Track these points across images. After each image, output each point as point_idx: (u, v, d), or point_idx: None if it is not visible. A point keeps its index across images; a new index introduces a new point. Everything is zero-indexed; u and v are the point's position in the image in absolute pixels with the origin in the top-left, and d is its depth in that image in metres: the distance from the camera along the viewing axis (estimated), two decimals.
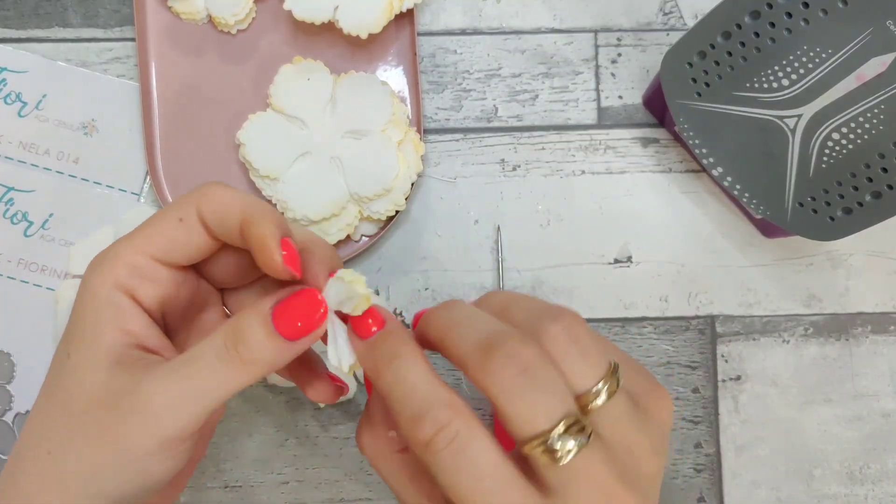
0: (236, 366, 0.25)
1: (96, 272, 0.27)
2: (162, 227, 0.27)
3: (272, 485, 0.41)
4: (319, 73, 0.41)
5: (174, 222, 0.27)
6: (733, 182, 0.39)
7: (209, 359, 0.25)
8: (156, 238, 0.27)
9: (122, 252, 0.27)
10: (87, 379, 0.26)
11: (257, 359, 0.25)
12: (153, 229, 0.27)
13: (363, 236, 0.42)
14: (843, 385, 0.43)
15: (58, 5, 0.44)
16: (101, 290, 0.26)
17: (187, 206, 0.27)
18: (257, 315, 0.25)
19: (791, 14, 0.33)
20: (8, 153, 0.42)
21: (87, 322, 0.26)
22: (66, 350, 0.26)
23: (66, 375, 0.26)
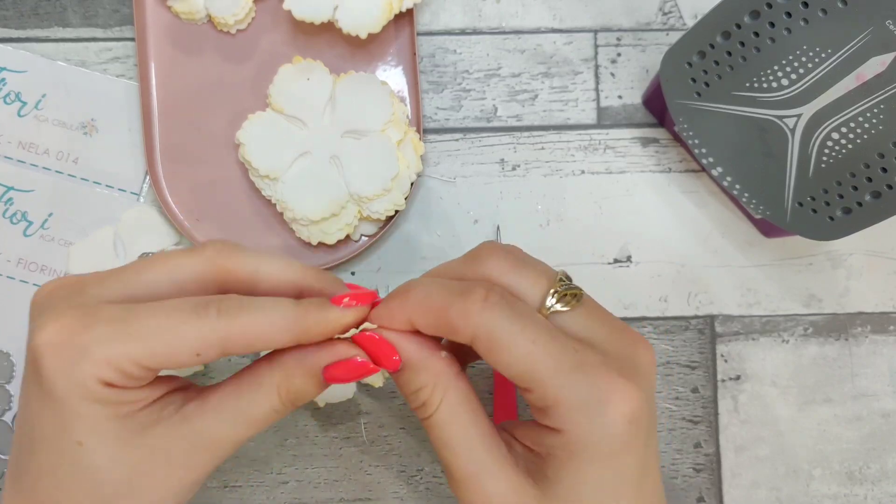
0: (287, 413, 0.28)
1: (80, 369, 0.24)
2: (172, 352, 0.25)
3: (272, 485, 0.41)
4: (319, 72, 0.41)
5: (190, 356, 0.25)
6: (733, 182, 0.39)
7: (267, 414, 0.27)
8: (159, 359, 0.25)
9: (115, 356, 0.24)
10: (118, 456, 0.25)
11: (305, 402, 0.28)
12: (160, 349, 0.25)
13: (363, 236, 0.42)
14: (843, 385, 0.43)
15: (57, 5, 0.44)
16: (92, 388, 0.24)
17: (209, 342, 0.25)
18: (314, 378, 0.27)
19: (790, 14, 0.33)
20: (7, 153, 0.42)
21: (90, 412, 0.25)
22: (73, 439, 0.25)
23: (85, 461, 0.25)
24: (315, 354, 0.27)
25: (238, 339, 0.25)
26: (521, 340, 0.25)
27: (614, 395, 0.25)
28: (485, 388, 0.42)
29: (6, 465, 0.41)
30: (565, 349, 0.26)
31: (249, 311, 0.25)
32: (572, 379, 0.25)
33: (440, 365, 0.27)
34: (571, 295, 0.27)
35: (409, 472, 0.41)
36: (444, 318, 0.26)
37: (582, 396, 0.25)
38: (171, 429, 0.26)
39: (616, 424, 0.25)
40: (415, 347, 0.27)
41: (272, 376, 0.27)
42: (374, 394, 0.42)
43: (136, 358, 0.25)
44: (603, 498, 0.26)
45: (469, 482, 0.27)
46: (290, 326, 0.26)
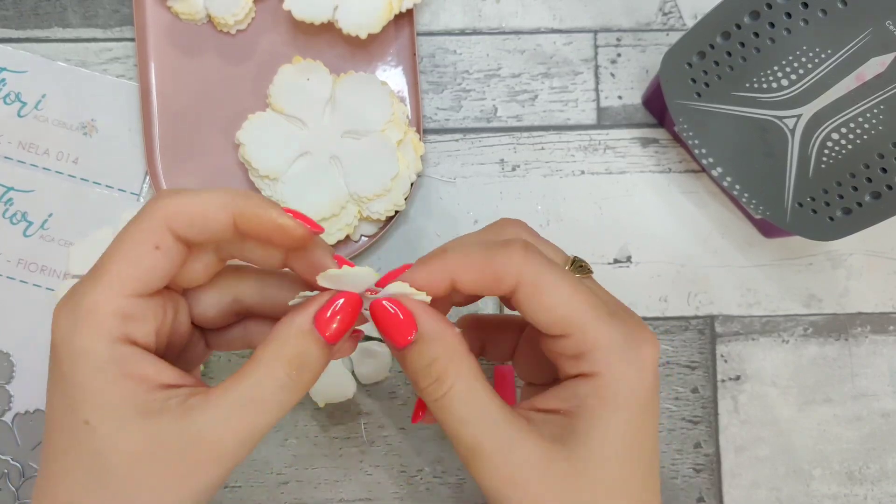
0: (301, 387, 0.26)
1: (78, 328, 0.24)
2: (136, 259, 0.25)
3: (272, 485, 0.41)
4: (319, 73, 0.41)
5: (149, 251, 0.25)
6: (733, 182, 0.39)
7: (273, 391, 0.25)
8: (133, 273, 0.25)
9: (101, 300, 0.25)
10: (121, 440, 0.24)
11: (318, 371, 0.26)
12: (127, 265, 0.25)
13: (363, 236, 0.42)
14: (843, 385, 0.43)
15: (57, 5, 0.44)
16: (97, 348, 0.24)
17: (158, 228, 0.25)
18: (306, 335, 0.26)
19: (790, 14, 0.33)
20: (7, 153, 0.42)
21: (95, 384, 0.24)
22: (80, 418, 0.24)
23: (92, 442, 0.24)
24: (301, 312, 0.26)
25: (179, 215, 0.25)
26: (563, 285, 0.27)
27: (646, 342, 0.27)
28: None
29: (6, 466, 0.41)
30: (599, 299, 0.27)
31: (185, 191, 0.26)
32: (610, 323, 0.27)
33: (456, 338, 0.27)
34: (585, 268, 0.29)
35: (409, 472, 0.42)
36: (489, 268, 0.27)
37: (619, 340, 0.26)
38: (173, 421, 0.25)
39: (648, 369, 0.27)
40: (430, 317, 0.27)
41: (268, 351, 0.26)
42: (374, 394, 0.42)
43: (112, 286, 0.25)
44: (630, 450, 0.27)
45: (495, 456, 0.26)
46: (226, 201, 0.26)
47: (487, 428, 0.26)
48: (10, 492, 0.41)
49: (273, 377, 0.25)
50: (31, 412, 0.41)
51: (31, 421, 0.41)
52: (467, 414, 0.26)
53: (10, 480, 0.41)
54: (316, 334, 0.26)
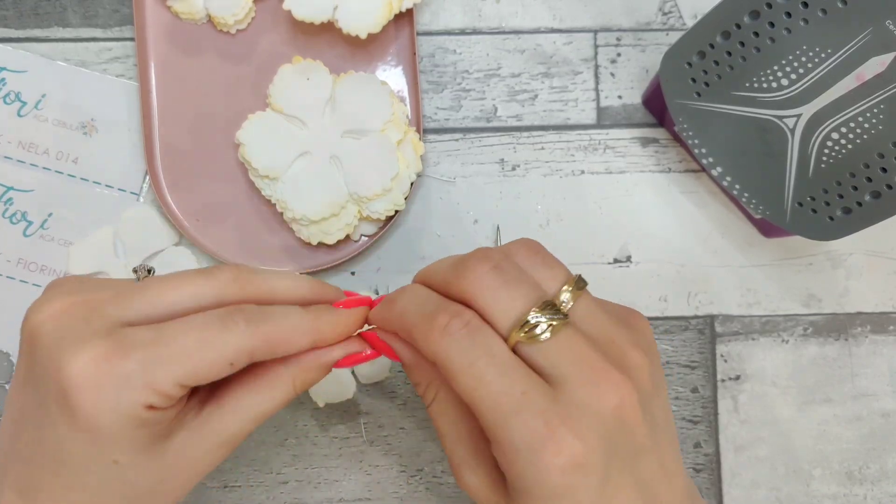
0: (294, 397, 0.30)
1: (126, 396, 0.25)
2: (209, 368, 0.26)
3: (272, 485, 0.41)
4: (319, 72, 0.41)
5: (225, 367, 0.26)
6: (732, 182, 0.39)
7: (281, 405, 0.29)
8: (197, 376, 0.26)
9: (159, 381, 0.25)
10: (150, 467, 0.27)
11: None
12: (199, 365, 0.26)
13: (363, 236, 0.42)
14: (843, 385, 0.43)
15: (57, 5, 0.44)
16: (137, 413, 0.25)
17: (240, 351, 0.26)
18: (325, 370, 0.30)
19: (790, 14, 0.33)
20: (7, 153, 0.42)
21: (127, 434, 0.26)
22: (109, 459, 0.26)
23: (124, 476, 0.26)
24: (331, 351, 0.30)
25: (266, 344, 0.27)
26: (469, 374, 0.26)
27: (548, 447, 0.25)
28: None
29: None
30: (510, 390, 0.25)
31: (273, 318, 0.27)
32: (510, 422, 0.25)
33: (431, 366, 0.29)
34: (548, 325, 0.26)
35: (409, 472, 0.41)
36: (411, 337, 0.28)
37: (516, 442, 0.25)
38: (192, 433, 0.28)
39: (549, 474, 0.25)
40: (407, 349, 0.30)
41: (288, 373, 0.29)
42: (374, 394, 0.42)
43: (177, 378, 0.25)
44: None
45: (455, 470, 0.29)
46: (308, 328, 0.28)
47: (451, 447, 0.29)
48: None
49: (285, 396, 0.29)
50: None
51: None
52: (441, 431, 0.30)
53: None
54: (330, 368, 0.30)
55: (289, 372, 0.29)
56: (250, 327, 0.26)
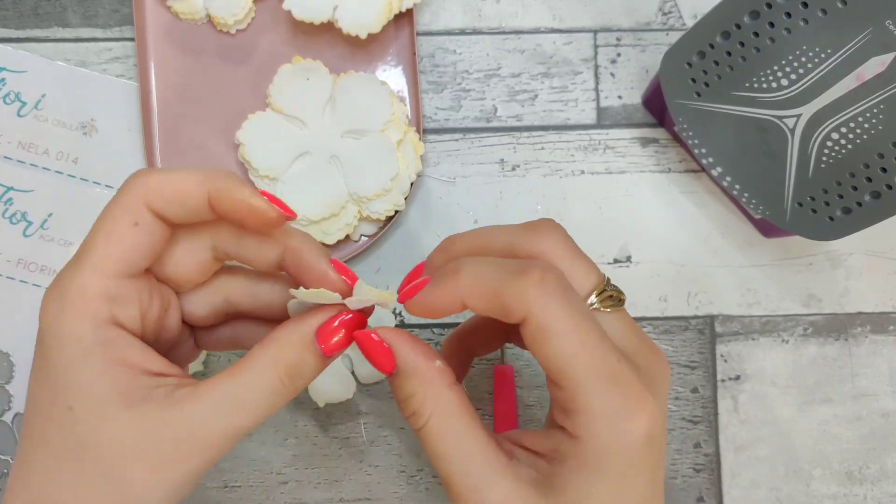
0: (288, 393, 0.26)
1: (65, 312, 0.24)
2: (117, 238, 0.25)
3: (272, 485, 0.41)
4: (319, 72, 0.41)
5: (129, 228, 0.25)
6: (732, 182, 0.39)
7: (263, 394, 0.25)
8: (115, 252, 0.25)
9: (86, 281, 0.24)
10: (105, 428, 0.24)
11: (307, 383, 0.27)
12: (108, 244, 0.25)
13: (362, 236, 0.42)
14: (843, 385, 0.43)
15: (57, 5, 0.44)
16: (83, 331, 0.24)
17: (136, 205, 0.25)
18: (308, 346, 0.26)
19: (790, 14, 0.33)
20: (7, 153, 0.42)
21: (81, 368, 0.24)
22: (64, 404, 0.24)
23: (75, 428, 0.24)
24: (305, 320, 0.27)
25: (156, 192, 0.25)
26: (571, 337, 0.25)
27: (641, 413, 0.25)
28: (485, 388, 0.42)
29: (6, 466, 0.41)
30: (607, 357, 0.25)
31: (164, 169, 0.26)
32: (606, 390, 0.25)
33: (432, 373, 0.27)
34: (616, 298, 0.27)
35: (409, 472, 0.42)
36: (499, 298, 0.25)
37: (610, 409, 0.25)
38: (158, 410, 0.24)
39: (636, 441, 0.25)
40: (409, 351, 0.27)
41: (265, 353, 0.26)
42: (374, 394, 0.42)
43: (94, 267, 0.24)
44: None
45: (469, 495, 0.26)
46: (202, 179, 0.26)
47: (460, 467, 0.26)
48: None
49: (265, 381, 0.26)
50: None
51: None
52: (442, 450, 0.26)
53: None
54: (316, 346, 0.26)
55: (266, 352, 0.26)
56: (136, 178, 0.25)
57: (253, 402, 0.25)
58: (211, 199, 0.26)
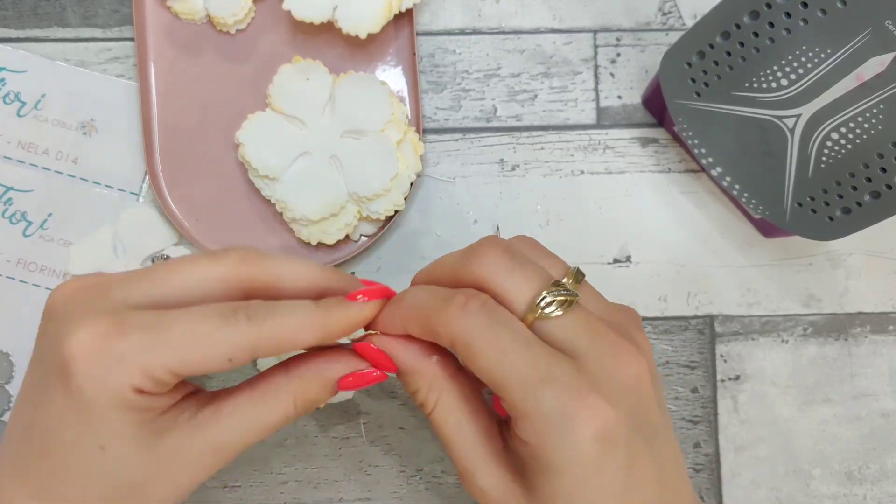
0: (298, 417, 0.30)
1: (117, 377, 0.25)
2: (205, 361, 0.26)
3: (272, 485, 0.41)
4: (318, 72, 0.41)
5: (222, 362, 0.26)
6: (732, 182, 0.39)
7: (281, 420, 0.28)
8: (192, 366, 0.26)
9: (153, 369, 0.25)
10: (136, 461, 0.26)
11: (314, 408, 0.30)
12: (194, 356, 0.25)
13: (362, 236, 0.42)
14: (843, 385, 0.43)
15: (56, 5, 0.44)
16: (127, 396, 0.25)
17: (243, 347, 0.26)
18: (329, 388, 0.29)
19: (790, 14, 0.33)
20: (7, 153, 0.42)
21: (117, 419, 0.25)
22: (96, 444, 0.25)
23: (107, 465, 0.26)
24: (333, 366, 0.29)
25: (268, 342, 0.26)
26: (492, 349, 0.26)
27: (582, 413, 0.25)
28: (485, 388, 0.42)
29: None
30: (536, 361, 0.26)
31: (277, 315, 0.26)
32: (539, 392, 0.25)
33: (432, 369, 0.29)
34: (562, 301, 0.27)
35: (408, 472, 0.42)
36: (428, 324, 0.27)
37: (547, 412, 0.25)
38: (185, 435, 0.27)
39: (582, 444, 0.25)
40: (406, 354, 0.29)
41: (289, 385, 0.28)
42: (374, 394, 0.42)
43: (170, 366, 0.25)
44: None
45: (465, 476, 0.29)
46: (315, 326, 0.27)
47: (460, 451, 0.29)
48: None
49: (285, 411, 0.28)
50: None
51: None
52: (446, 435, 0.29)
53: None
54: (335, 387, 0.29)
55: (289, 385, 0.28)
56: (252, 323, 0.26)
57: (269, 426, 0.28)
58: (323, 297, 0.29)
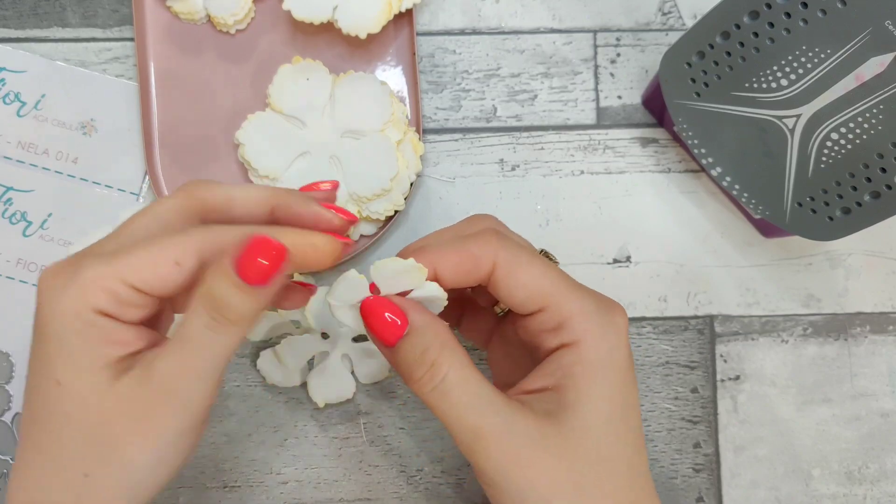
0: (227, 329, 0.26)
1: (70, 293, 0.25)
2: (154, 265, 0.25)
3: (272, 485, 0.41)
4: (318, 72, 0.41)
5: (169, 264, 0.26)
6: (732, 182, 0.39)
7: (200, 331, 0.26)
8: (143, 273, 0.25)
9: (103, 278, 0.25)
10: (91, 401, 0.25)
11: (243, 315, 0.26)
12: (142, 264, 0.25)
13: (362, 236, 0.42)
14: (842, 385, 0.43)
15: (56, 5, 0.44)
16: (82, 313, 0.25)
17: (187, 248, 0.26)
18: (225, 277, 0.25)
19: (790, 14, 0.33)
20: (7, 153, 0.42)
21: (72, 344, 0.25)
22: (53, 378, 0.25)
23: (63, 405, 0.25)
24: (225, 252, 0.26)
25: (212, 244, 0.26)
26: (536, 263, 0.29)
27: (616, 309, 0.29)
28: None
29: (6, 466, 0.41)
30: (567, 277, 0.29)
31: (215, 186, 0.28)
32: (583, 294, 0.29)
33: (445, 328, 0.28)
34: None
35: (408, 472, 0.42)
36: (467, 254, 0.28)
37: (593, 307, 0.29)
38: (138, 378, 0.25)
39: (622, 333, 0.29)
40: (420, 310, 0.29)
41: (196, 294, 0.26)
42: (374, 394, 0.42)
43: (119, 273, 0.25)
44: (618, 415, 0.28)
45: (495, 437, 0.27)
46: (264, 195, 0.27)
47: (485, 411, 0.27)
48: None
49: (198, 318, 0.26)
50: None
51: None
52: (466, 399, 0.27)
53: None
54: (235, 278, 0.25)
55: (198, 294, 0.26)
56: (199, 228, 0.26)
57: (193, 341, 0.26)
58: (276, 213, 0.29)
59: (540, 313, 0.29)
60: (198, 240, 0.26)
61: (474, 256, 0.28)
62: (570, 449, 0.27)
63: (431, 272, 0.28)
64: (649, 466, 0.30)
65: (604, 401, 0.28)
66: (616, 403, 0.28)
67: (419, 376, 0.28)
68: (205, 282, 0.26)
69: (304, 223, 0.29)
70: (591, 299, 0.29)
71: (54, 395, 0.25)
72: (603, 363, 0.28)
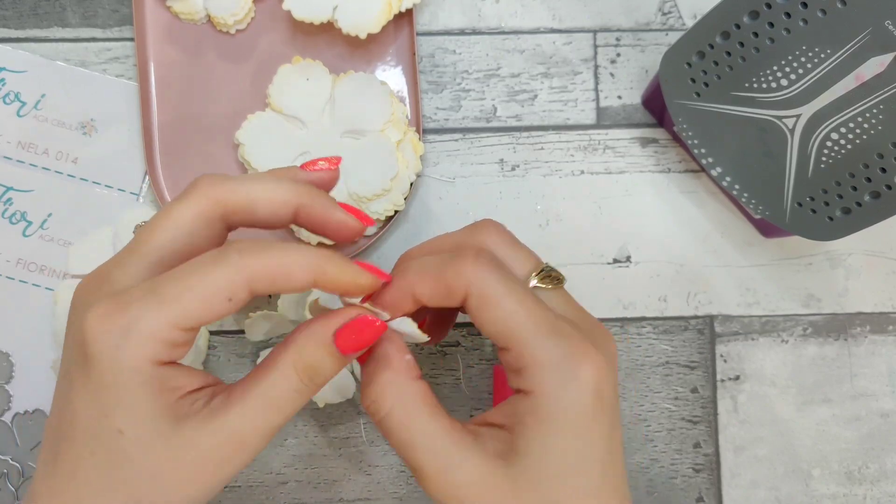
0: (310, 392, 0.27)
1: (129, 348, 0.25)
2: (207, 303, 0.25)
3: (272, 485, 0.41)
4: (318, 72, 0.41)
5: (223, 301, 0.26)
6: (732, 182, 0.39)
7: (287, 394, 0.27)
8: (198, 315, 0.25)
9: (160, 328, 0.25)
10: (154, 447, 0.26)
11: (329, 378, 0.28)
12: (196, 304, 0.25)
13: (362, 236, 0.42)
14: (842, 385, 0.43)
15: (56, 5, 0.44)
16: (143, 368, 0.25)
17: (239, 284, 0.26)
18: (325, 348, 0.27)
19: (790, 14, 0.33)
20: (7, 153, 0.42)
21: (133, 398, 0.25)
22: (114, 427, 0.25)
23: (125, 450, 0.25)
24: (324, 323, 0.28)
25: (261, 274, 0.26)
26: (508, 299, 0.27)
27: (585, 361, 0.27)
28: (485, 388, 0.42)
29: (6, 466, 0.41)
30: (546, 314, 0.27)
31: (268, 251, 0.26)
32: (549, 341, 0.27)
33: (400, 364, 0.28)
34: (554, 278, 0.30)
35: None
36: (441, 280, 0.28)
37: (555, 358, 0.27)
38: (200, 423, 0.26)
39: (585, 389, 0.26)
40: (384, 339, 0.29)
41: (286, 355, 0.27)
42: None
43: (175, 320, 0.25)
44: (570, 471, 0.27)
45: (436, 477, 0.27)
46: (309, 264, 0.27)
47: (427, 450, 0.27)
48: (10, 492, 0.41)
49: (288, 381, 0.27)
50: (30, 412, 0.41)
51: (30, 421, 0.41)
52: (407, 438, 0.27)
53: (10, 480, 0.41)
54: (333, 348, 0.27)
55: (287, 353, 0.27)
56: (244, 257, 0.26)
57: (279, 402, 0.27)
58: (300, 215, 0.29)
59: (505, 352, 0.28)
60: (247, 275, 0.26)
61: (447, 283, 0.28)
62: (513, 495, 0.27)
63: (409, 296, 0.28)
64: (649, 467, 0.30)
65: (555, 454, 0.27)
66: (570, 457, 0.27)
67: (365, 406, 0.29)
68: (301, 350, 0.27)
69: (328, 229, 0.30)
70: (557, 348, 0.27)
71: (115, 442, 0.25)
72: (556, 418, 0.26)
